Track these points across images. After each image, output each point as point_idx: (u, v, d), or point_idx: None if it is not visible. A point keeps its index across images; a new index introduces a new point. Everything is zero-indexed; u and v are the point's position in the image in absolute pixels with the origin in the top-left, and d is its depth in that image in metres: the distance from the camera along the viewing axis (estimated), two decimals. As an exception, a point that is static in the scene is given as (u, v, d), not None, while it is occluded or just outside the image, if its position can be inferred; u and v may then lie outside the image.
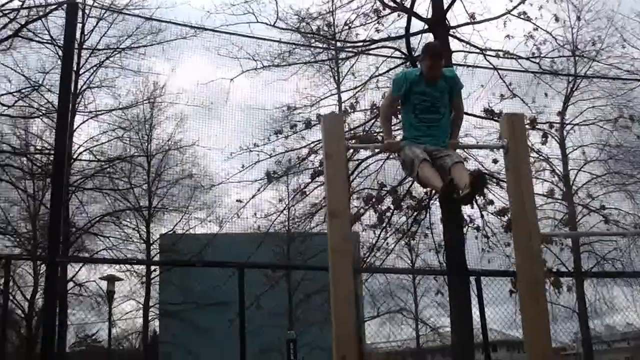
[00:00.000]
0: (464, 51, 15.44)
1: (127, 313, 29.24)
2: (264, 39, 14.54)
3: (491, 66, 15.42)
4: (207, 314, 25.53)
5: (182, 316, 26.15)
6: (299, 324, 24.73)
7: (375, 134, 14.16)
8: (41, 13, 15.05)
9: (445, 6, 14.70)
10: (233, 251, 15.16)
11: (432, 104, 6.17)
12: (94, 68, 23.57)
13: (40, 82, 16.67)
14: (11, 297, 22.81)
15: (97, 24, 22.54)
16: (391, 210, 14.44)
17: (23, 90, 16.25)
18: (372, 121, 14.69)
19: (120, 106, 24.84)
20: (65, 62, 12.08)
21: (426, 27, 14.81)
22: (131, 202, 26.67)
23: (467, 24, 15.12)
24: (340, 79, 16.71)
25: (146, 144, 27.60)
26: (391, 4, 14.73)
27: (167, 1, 33.64)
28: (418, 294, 29.40)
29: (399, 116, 7.02)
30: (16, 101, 15.88)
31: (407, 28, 13.89)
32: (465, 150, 14.22)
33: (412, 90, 6.18)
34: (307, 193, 15.57)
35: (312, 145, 14.93)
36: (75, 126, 23.75)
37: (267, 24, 15.34)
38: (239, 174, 14.71)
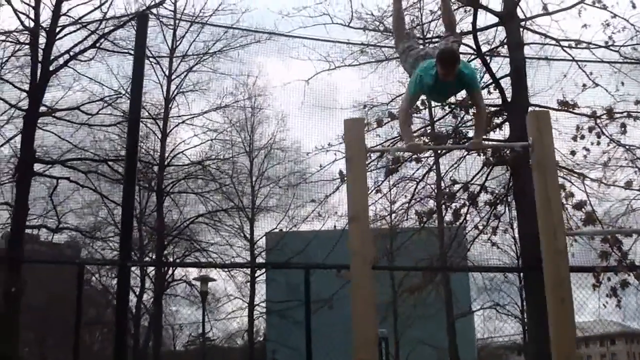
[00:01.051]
0: (538, 43, 15.07)
1: (232, 312, 30.07)
2: (333, 41, 14.70)
3: (569, 57, 15.01)
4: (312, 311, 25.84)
5: (288, 314, 26.44)
6: (402, 320, 24.84)
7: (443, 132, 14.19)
8: (117, 24, 15.61)
9: (518, -3, 14.41)
10: (338, 247, 15.25)
11: (445, 97, 6.47)
12: (184, 73, 24.56)
13: (124, 90, 17.27)
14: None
15: (185, 33, 23.32)
16: (467, 207, 14.28)
17: (106, 99, 16.96)
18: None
19: (214, 108, 25.50)
20: (135, 69, 12.48)
21: (496, 20, 14.63)
22: (235, 202, 27.28)
23: (540, 15, 14.73)
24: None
25: (249, 144, 28.32)
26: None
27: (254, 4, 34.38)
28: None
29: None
30: (100, 109, 16.60)
31: (474, 23, 13.66)
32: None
33: (426, 91, 6.21)
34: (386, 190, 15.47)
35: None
36: (169, 130, 24.97)
37: (342, 24, 15.50)
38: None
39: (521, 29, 14.64)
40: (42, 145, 16.47)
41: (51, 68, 15.70)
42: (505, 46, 14.65)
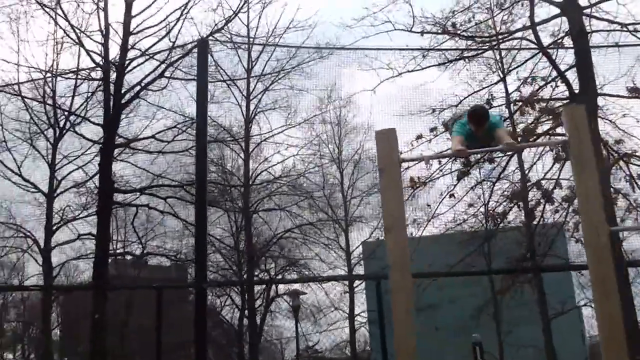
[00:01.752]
0: (603, 30, 14.62)
1: (334, 322, 30.25)
2: (390, 49, 14.68)
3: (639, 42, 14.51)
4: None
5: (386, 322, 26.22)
6: (505, 323, 24.40)
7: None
8: (183, 52, 16.09)
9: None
10: (431, 253, 15.16)
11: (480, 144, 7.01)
12: (262, 93, 24.97)
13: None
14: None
15: (259, 55, 23.78)
16: (542, 204, 14.00)
17: (180, 125, 17.41)
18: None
19: (292, 124, 25.82)
20: (199, 95, 12.77)
21: (558, 11, 14.32)
22: (328, 214, 27.50)
23: (603, 0, 14.29)
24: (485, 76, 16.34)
25: (337, 155, 28.57)
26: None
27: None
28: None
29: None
30: (175, 136, 17.07)
31: (531, 17, 13.42)
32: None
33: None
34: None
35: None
36: (252, 149, 25.45)
37: (404, 30, 15.47)
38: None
39: (585, 17, 14.25)
40: (122, 176, 17.10)
41: (123, 101, 16.28)
42: (569, 37, 14.33)
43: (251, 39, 23.85)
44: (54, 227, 21.41)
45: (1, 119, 20.23)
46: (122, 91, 16.30)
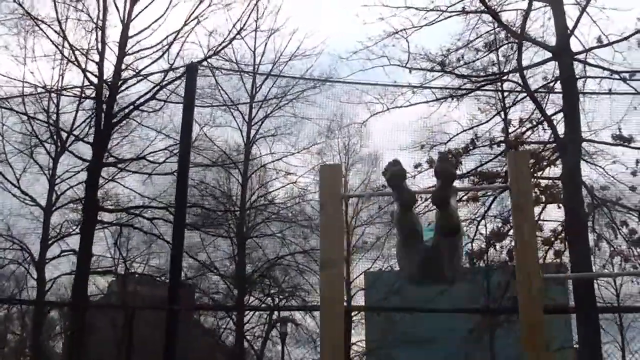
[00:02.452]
0: (595, 77, 14.67)
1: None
2: (384, 85, 14.80)
3: (632, 90, 14.51)
4: (407, 350, 25.51)
5: (385, 354, 26.12)
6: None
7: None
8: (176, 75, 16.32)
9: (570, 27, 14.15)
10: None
11: None
12: (263, 119, 25.14)
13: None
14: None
15: (262, 82, 23.97)
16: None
17: (170, 148, 17.50)
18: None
19: (292, 152, 25.92)
20: (184, 118, 12.86)
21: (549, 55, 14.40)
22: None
23: (595, 47, 14.32)
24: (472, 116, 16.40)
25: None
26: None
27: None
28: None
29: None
30: (167, 158, 17.18)
31: (519, 60, 13.48)
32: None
33: None
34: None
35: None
36: (248, 175, 25.58)
37: (399, 66, 15.59)
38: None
39: (577, 63, 14.30)
40: (117, 194, 17.25)
41: (114, 120, 16.47)
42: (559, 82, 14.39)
43: (255, 66, 24.15)
44: (50, 242, 21.58)
45: (2, 130, 20.38)
46: (115, 110, 16.47)
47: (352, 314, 29.12)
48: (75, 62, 16.71)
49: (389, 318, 24.74)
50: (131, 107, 16.63)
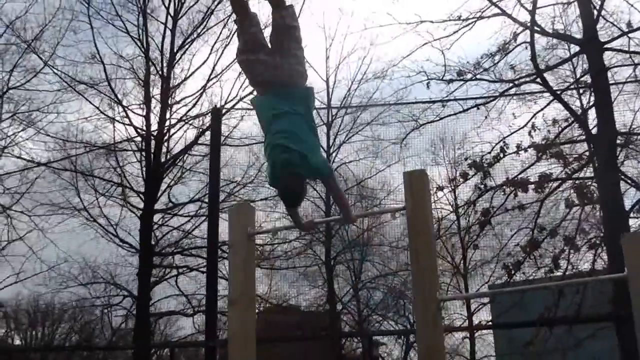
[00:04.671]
0: (627, 65, 14.00)
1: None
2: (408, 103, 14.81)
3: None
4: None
5: None
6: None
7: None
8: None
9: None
10: None
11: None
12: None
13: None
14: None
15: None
16: (566, 252, 13.40)
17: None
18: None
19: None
20: (212, 159, 13.31)
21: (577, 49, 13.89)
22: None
23: (621, 35, 13.68)
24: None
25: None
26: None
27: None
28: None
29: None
30: (224, 199, 17.61)
31: (534, 59, 13.00)
32: None
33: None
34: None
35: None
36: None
37: (437, 79, 15.52)
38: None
39: (604, 52, 13.68)
40: (164, 237, 17.89)
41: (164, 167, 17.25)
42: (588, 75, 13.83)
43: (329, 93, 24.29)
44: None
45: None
46: (164, 160, 17.29)
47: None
48: (127, 118, 17.67)
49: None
50: (179, 153, 17.34)
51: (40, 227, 18.96)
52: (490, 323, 19.53)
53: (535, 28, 13.63)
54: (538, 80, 13.80)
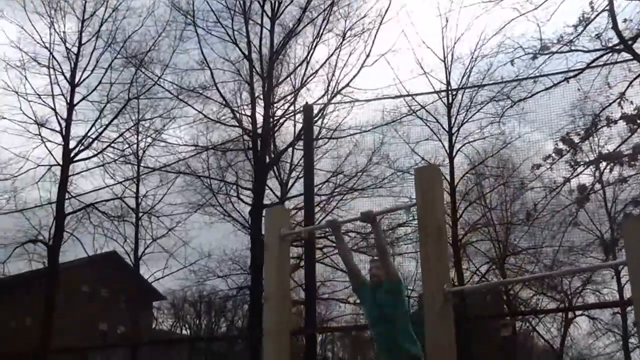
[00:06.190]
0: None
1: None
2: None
3: None
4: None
5: None
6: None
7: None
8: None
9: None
10: None
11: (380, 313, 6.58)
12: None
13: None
14: None
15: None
16: None
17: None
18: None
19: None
20: (306, 156, 13.76)
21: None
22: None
23: None
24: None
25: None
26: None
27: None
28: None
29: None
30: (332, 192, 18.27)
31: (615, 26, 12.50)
32: None
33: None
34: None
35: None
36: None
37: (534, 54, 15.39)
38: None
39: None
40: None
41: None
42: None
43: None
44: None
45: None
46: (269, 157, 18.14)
47: None
48: (235, 120, 18.67)
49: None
50: (283, 150, 18.14)
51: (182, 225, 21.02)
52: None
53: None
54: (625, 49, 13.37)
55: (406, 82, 24.30)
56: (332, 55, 19.16)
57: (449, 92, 22.85)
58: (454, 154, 22.99)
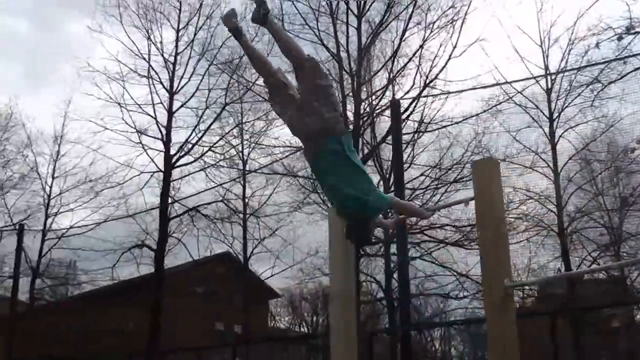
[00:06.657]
0: None
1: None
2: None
3: None
4: None
5: None
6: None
7: None
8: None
9: None
10: None
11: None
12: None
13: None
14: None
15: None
16: None
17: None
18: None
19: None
20: (394, 151, 13.94)
21: None
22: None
23: None
24: None
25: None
26: None
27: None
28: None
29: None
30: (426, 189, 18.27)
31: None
32: None
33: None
34: None
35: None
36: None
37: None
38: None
39: None
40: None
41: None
42: None
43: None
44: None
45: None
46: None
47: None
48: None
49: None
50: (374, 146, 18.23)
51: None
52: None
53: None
54: None
55: (502, 69, 23.87)
56: (420, 47, 19.07)
57: (547, 76, 22.33)
58: (555, 140, 22.34)
